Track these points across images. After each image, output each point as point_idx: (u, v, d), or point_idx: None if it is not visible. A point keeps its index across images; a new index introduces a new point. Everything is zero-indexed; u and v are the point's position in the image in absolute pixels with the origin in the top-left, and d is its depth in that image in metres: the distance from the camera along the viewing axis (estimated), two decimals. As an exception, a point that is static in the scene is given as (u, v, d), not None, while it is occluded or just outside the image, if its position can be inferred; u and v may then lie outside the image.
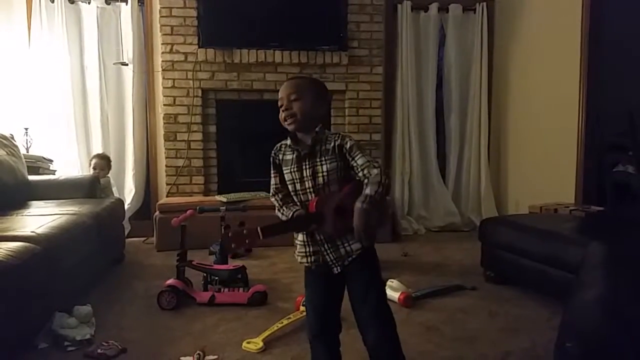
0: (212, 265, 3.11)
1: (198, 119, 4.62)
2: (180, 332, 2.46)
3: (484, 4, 5.04)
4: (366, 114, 4.86)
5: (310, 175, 1.63)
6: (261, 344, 2.27)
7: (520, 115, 4.84)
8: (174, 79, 4.57)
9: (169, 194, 4.62)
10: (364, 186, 1.56)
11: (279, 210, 1.69)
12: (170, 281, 2.85)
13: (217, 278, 2.96)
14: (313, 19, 4.68)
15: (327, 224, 1.57)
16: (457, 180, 5.19)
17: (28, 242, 2.34)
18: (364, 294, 1.64)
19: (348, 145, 1.62)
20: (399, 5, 4.94)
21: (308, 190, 1.64)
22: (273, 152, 1.73)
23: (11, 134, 3.91)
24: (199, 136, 4.64)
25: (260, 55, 4.58)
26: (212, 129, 4.72)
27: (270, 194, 1.74)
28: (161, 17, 4.53)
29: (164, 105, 4.60)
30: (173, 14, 4.53)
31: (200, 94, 4.61)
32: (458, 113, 5.14)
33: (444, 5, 5.04)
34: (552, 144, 4.28)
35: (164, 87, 4.58)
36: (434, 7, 5.01)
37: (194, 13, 4.53)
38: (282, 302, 2.87)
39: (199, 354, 2.13)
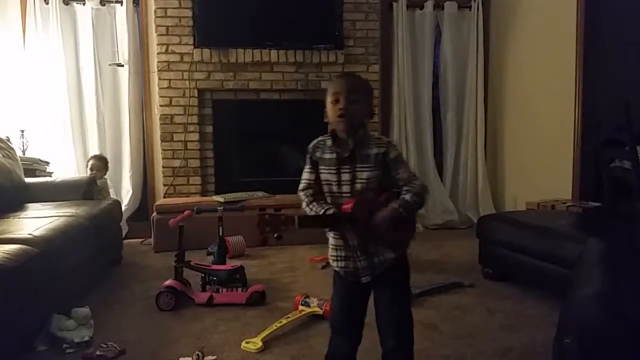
0: (210, 266, 3.11)
1: (194, 119, 4.61)
2: (179, 333, 2.46)
3: (480, 1, 5.03)
4: (363, 113, 4.84)
5: (348, 180, 1.59)
6: (260, 343, 2.26)
7: (517, 112, 4.85)
8: (169, 80, 4.56)
9: (166, 195, 4.61)
10: (403, 193, 1.56)
11: (307, 205, 1.63)
12: (168, 282, 2.85)
13: (215, 278, 2.96)
14: (308, 18, 4.68)
15: (362, 228, 1.55)
16: (454, 177, 5.19)
17: (25, 244, 2.34)
18: (390, 302, 1.64)
19: (392, 156, 1.59)
20: (395, 3, 4.95)
21: (344, 195, 1.59)
22: (310, 147, 1.67)
23: (7, 137, 3.90)
24: (195, 136, 4.63)
25: (256, 54, 4.58)
26: (209, 129, 4.72)
27: (300, 188, 1.67)
28: (156, 17, 4.52)
29: (160, 105, 4.59)
30: (168, 14, 4.52)
31: (196, 94, 4.60)
32: (454, 110, 5.14)
33: (439, 3, 5.05)
34: (549, 140, 4.29)
35: (159, 88, 4.57)
36: (429, 5, 5.01)
37: (189, 13, 4.52)
38: (281, 301, 2.87)
39: (197, 354, 2.13)
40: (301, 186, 1.68)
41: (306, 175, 1.67)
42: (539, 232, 2.86)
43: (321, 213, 1.57)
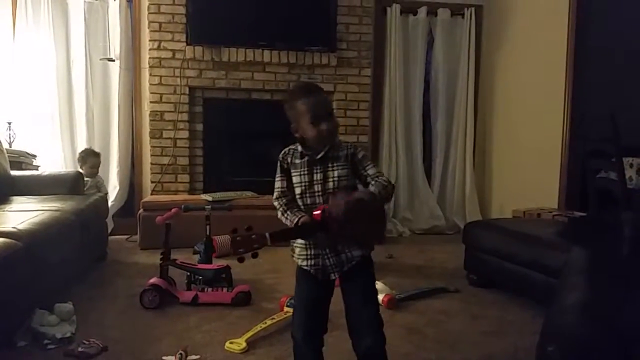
0: (196, 265, 3.09)
1: (185, 116, 4.60)
2: (163, 332, 2.44)
3: (472, 8, 5.08)
4: (354, 116, 4.87)
5: (320, 180, 1.64)
6: (244, 344, 2.25)
7: (506, 120, 4.89)
8: (161, 76, 4.54)
9: (153, 192, 4.58)
10: (370, 186, 1.63)
11: (283, 214, 1.68)
12: (153, 280, 2.82)
13: (200, 277, 2.94)
14: (302, 19, 4.68)
15: (332, 234, 1.58)
16: (442, 183, 5.22)
17: (9, 238, 2.31)
18: (363, 301, 1.66)
19: (360, 156, 1.67)
20: (388, 8, 4.97)
21: (316, 194, 1.65)
22: (281, 155, 1.72)
23: (-6, 128, 3.86)
24: (185, 134, 4.61)
25: (249, 54, 4.57)
26: (199, 127, 4.70)
27: (274, 197, 1.72)
28: (149, 13, 4.50)
29: (150, 102, 4.56)
30: (161, 10, 4.50)
31: (187, 92, 4.58)
32: (444, 116, 5.18)
33: (432, 9, 5.08)
34: (536, 149, 4.33)
35: (150, 84, 4.55)
36: (422, 11, 5.04)
37: (183, 10, 4.51)
38: (266, 302, 2.87)
39: (181, 353, 2.12)
40: (275, 195, 1.73)
41: (278, 183, 1.72)
42: (524, 240, 2.88)
43: (294, 222, 1.61)
